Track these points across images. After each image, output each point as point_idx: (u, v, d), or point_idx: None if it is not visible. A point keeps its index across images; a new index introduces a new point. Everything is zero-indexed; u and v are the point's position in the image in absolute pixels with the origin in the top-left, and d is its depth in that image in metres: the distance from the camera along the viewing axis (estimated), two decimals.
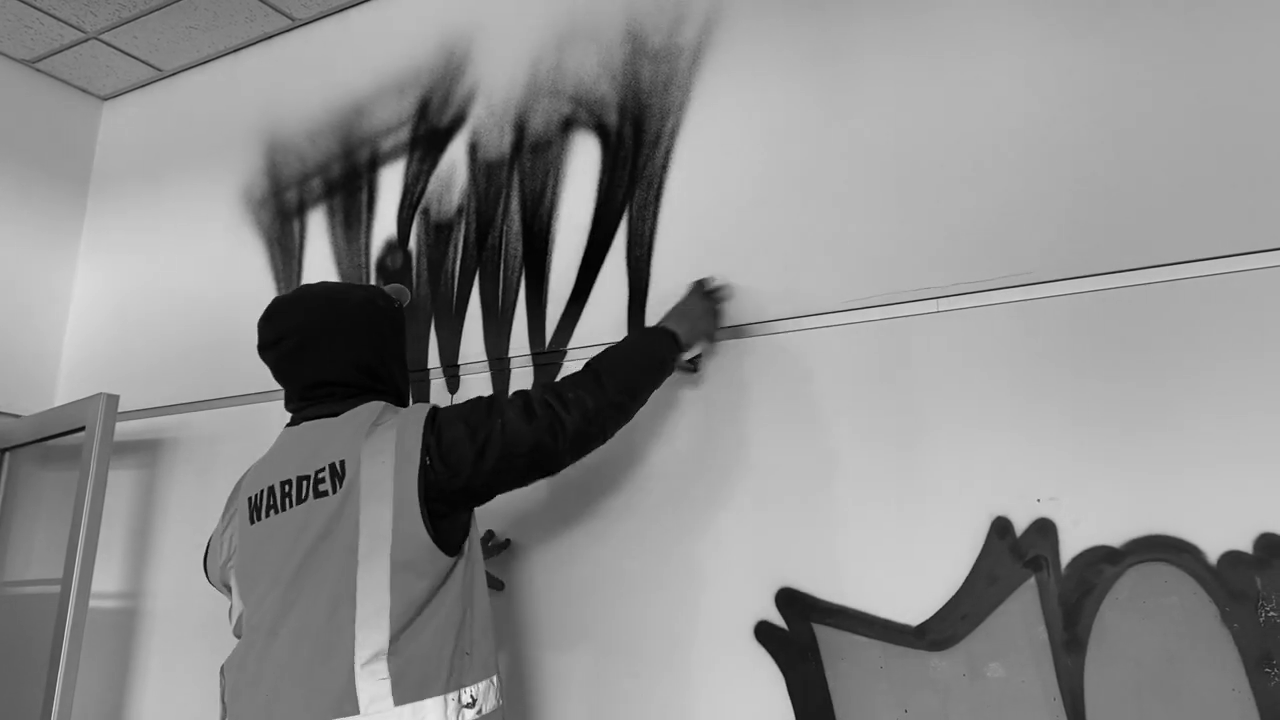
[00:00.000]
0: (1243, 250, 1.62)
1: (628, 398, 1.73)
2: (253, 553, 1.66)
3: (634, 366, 1.76)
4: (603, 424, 1.69)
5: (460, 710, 1.52)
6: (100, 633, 2.90)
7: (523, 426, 1.60)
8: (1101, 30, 1.81)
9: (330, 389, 1.72)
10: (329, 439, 1.64)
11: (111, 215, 3.42)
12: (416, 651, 1.50)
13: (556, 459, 1.65)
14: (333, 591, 1.52)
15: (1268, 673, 1.48)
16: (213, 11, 2.99)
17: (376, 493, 1.54)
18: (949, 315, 1.85)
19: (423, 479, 1.55)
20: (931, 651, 1.74)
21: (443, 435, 1.59)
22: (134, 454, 3.01)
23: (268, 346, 1.78)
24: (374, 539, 1.52)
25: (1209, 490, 1.57)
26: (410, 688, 1.48)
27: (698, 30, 2.26)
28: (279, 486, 1.65)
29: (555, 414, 1.62)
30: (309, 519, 1.58)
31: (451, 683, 1.52)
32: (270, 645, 1.55)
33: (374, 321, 1.78)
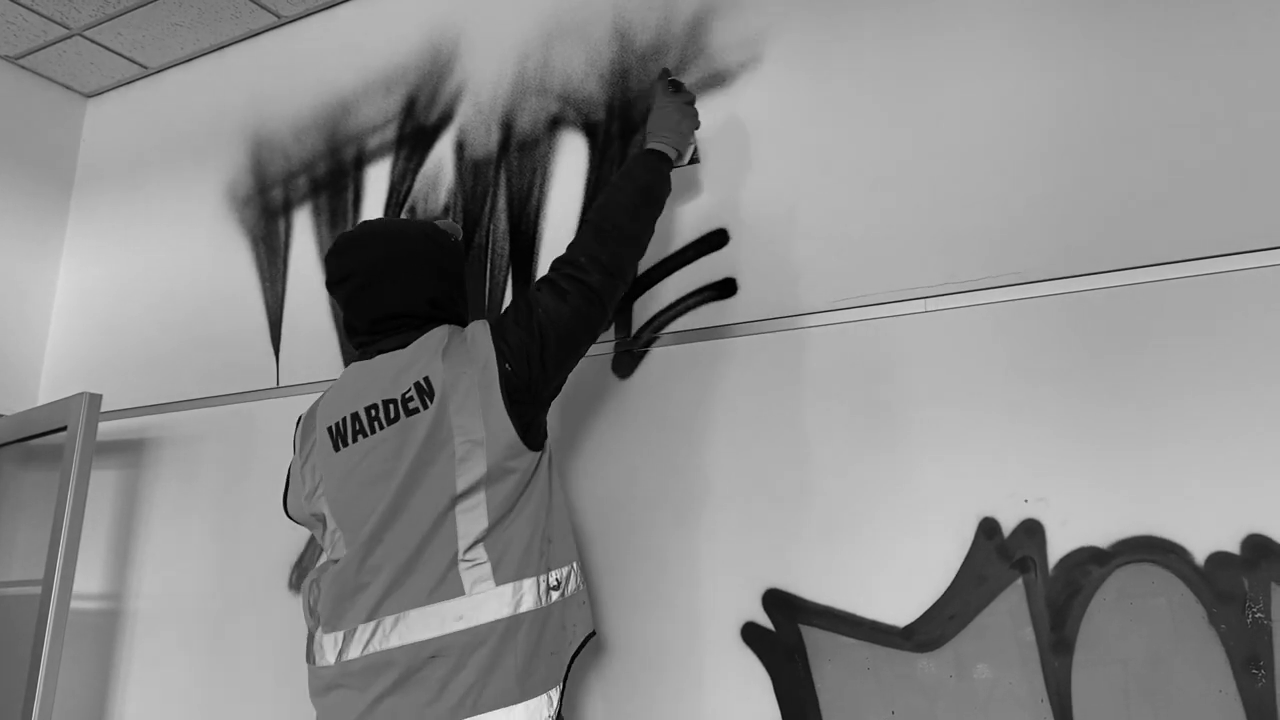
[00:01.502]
0: (1231, 251, 1.62)
1: (633, 231, 1.82)
2: (345, 476, 1.75)
3: (631, 202, 1.83)
4: (621, 268, 1.78)
5: (548, 591, 1.67)
6: (82, 634, 2.87)
7: (561, 306, 1.71)
8: (1089, 33, 1.81)
9: (399, 321, 1.80)
10: (409, 364, 1.73)
11: (95, 213, 3.40)
12: (511, 538, 1.65)
13: (603, 315, 1.76)
14: (437, 495, 1.64)
15: (1254, 674, 1.48)
16: (198, 8, 2.97)
17: (467, 401, 1.66)
18: (937, 315, 1.84)
19: (504, 382, 1.66)
20: (919, 653, 1.73)
21: (509, 340, 1.69)
22: (116, 454, 2.99)
23: (337, 283, 1.85)
24: (469, 443, 1.64)
25: (1196, 491, 1.57)
26: (509, 569, 1.63)
27: (685, 30, 2.25)
28: (364, 412, 1.74)
29: (580, 282, 1.73)
30: (406, 435, 1.68)
31: (541, 566, 1.67)
32: (373, 550, 1.67)
33: (435, 253, 1.87)
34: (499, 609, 1.61)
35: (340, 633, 1.67)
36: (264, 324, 2.81)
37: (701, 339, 2.06)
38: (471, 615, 1.60)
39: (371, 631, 1.63)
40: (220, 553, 2.70)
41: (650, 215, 1.86)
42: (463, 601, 1.60)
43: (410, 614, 1.62)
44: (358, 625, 1.65)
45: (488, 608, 1.60)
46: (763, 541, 1.92)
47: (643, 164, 1.89)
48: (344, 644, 1.66)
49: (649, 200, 1.86)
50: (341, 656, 1.66)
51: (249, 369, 2.80)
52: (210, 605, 2.68)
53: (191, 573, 2.74)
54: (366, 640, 1.63)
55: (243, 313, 2.86)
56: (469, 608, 1.60)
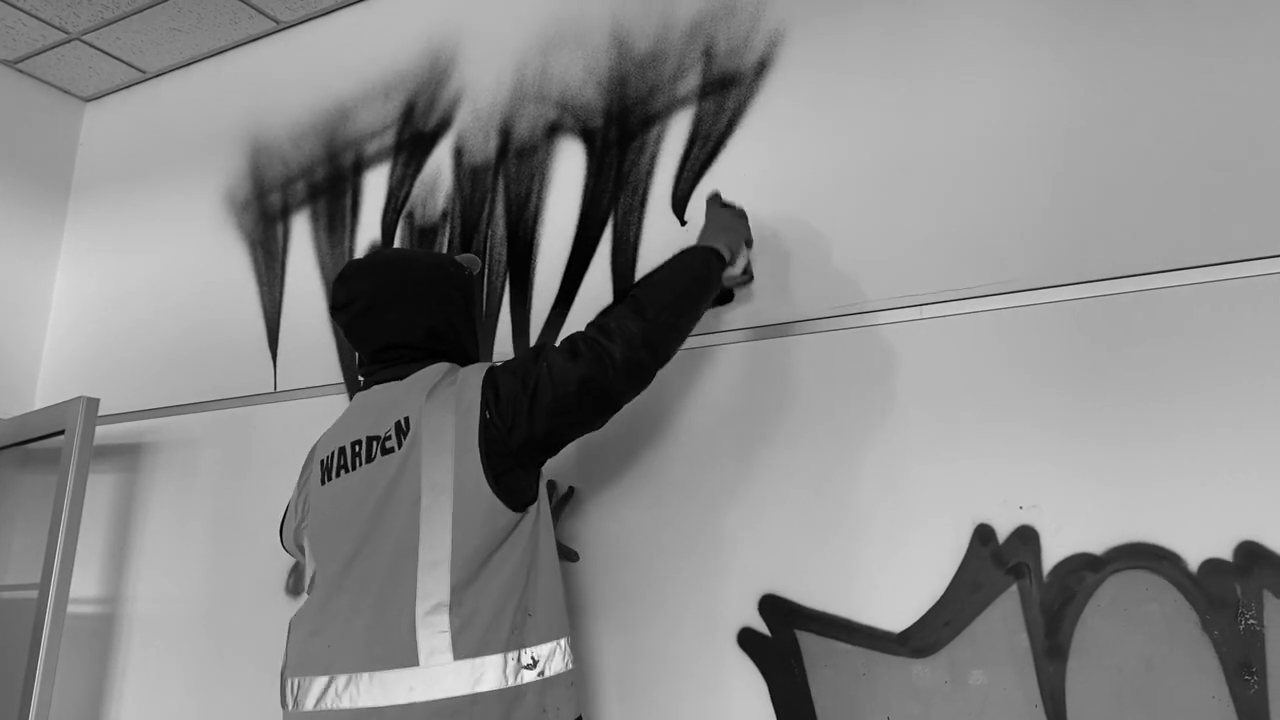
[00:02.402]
0: (1222, 260, 1.63)
1: (673, 317, 1.66)
2: (325, 512, 1.70)
3: (676, 285, 1.70)
4: (651, 348, 1.62)
5: (520, 670, 1.52)
6: (78, 638, 2.87)
7: (568, 365, 1.58)
8: (1083, 41, 1.82)
9: (399, 352, 1.75)
10: (397, 400, 1.67)
11: (93, 217, 3.40)
12: (478, 607, 1.51)
13: (611, 392, 1.60)
14: (396, 543, 1.55)
15: (1247, 680, 1.49)
16: (196, 13, 2.98)
17: (438, 445, 1.57)
18: (932, 322, 1.85)
19: (483, 432, 1.56)
20: (914, 659, 1.74)
21: (500, 389, 1.60)
22: (114, 458, 2.99)
23: (339, 308, 1.80)
24: (436, 490, 1.54)
25: (1190, 498, 1.58)
26: (470, 642, 1.49)
27: (683, 37, 2.26)
28: (349, 447, 1.69)
29: (600, 347, 1.59)
30: (378, 475, 1.61)
31: (512, 641, 1.53)
32: (334, 598, 1.60)
33: (442, 285, 1.80)
34: (454, 685, 1.47)
35: (297, 680, 1.59)
36: (261, 329, 2.82)
37: (698, 345, 2.07)
38: (421, 689, 1.47)
39: (324, 687, 1.54)
40: (217, 557, 2.70)
41: (697, 304, 1.73)
42: (415, 673, 1.48)
43: (362, 677, 1.51)
44: (314, 677, 1.56)
45: (442, 683, 1.47)
46: (759, 547, 1.92)
47: (700, 256, 1.76)
48: (299, 692, 1.58)
49: (697, 291, 1.73)
50: (298, 706, 1.58)
51: (246, 374, 2.80)
52: (207, 609, 2.68)
53: (188, 577, 2.74)
54: (319, 695, 1.54)
55: (240, 318, 2.87)
56: (421, 681, 1.47)
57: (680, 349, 1.70)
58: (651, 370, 1.65)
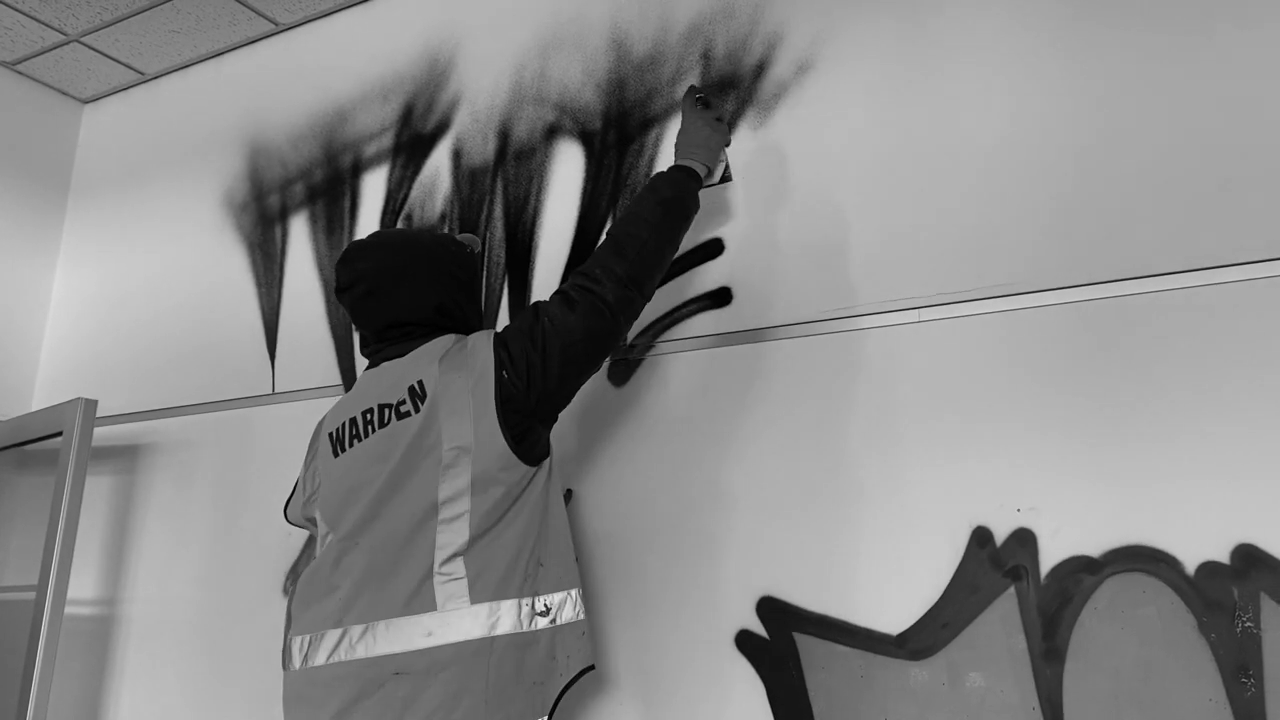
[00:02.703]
0: (1220, 263, 1.64)
1: (655, 249, 1.74)
2: (338, 479, 1.73)
3: (652, 218, 1.75)
4: (638, 283, 1.71)
5: (534, 617, 1.59)
6: (76, 640, 2.87)
7: (568, 316, 1.65)
8: (1085, 42, 1.82)
9: (405, 329, 1.77)
10: (408, 370, 1.70)
11: (92, 219, 3.40)
12: (493, 555, 1.58)
13: (613, 332, 1.69)
14: (416, 502, 1.59)
15: (1244, 683, 1.49)
16: (195, 15, 2.98)
17: (457, 406, 1.61)
18: (930, 325, 1.85)
19: (499, 391, 1.61)
20: (911, 661, 1.74)
21: (511, 349, 1.65)
22: (112, 459, 2.99)
23: (343, 290, 1.82)
24: (456, 450, 1.59)
25: (1187, 501, 1.58)
26: (486, 588, 1.56)
27: (681, 40, 2.26)
28: (360, 417, 1.72)
29: (592, 294, 1.66)
30: (395, 438, 1.65)
31: (526, 589, 1.60)
32: (347, 553, 1.64)
33: (445, 262, 1.82)
34: (471, 629, 1.53)
35: (307, 636, 1.63)
36: (260, 330, 2.82)
37: (696, 348, 2.07)
38: (441, 632, 1.53)
39: (338, 640, 1.58)
40: (215, 558, 2.70)
41: (673, 230, 1.78)
42: (433, 617, 1.53)
43: (378, 625, 1.56)
44: (325, 631, 1.60)
45: (459, 626, 1.53)
46: (757, 549, 1.92)
47: (668, 179, 1.82)
48: (309, 649, 1.61)
49: (672, 214, 1.78)
50: (307, 662, 1.61)
51: (245, 375, 2.80)
52: (205, 611, 2.68)
53: (186, 578, 2.74)
54: (332, 648, 1.58)
55: (239, 319, 2.87)
56: (439, 624, 1.53)
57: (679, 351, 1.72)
58: (641, 304, 1.74)
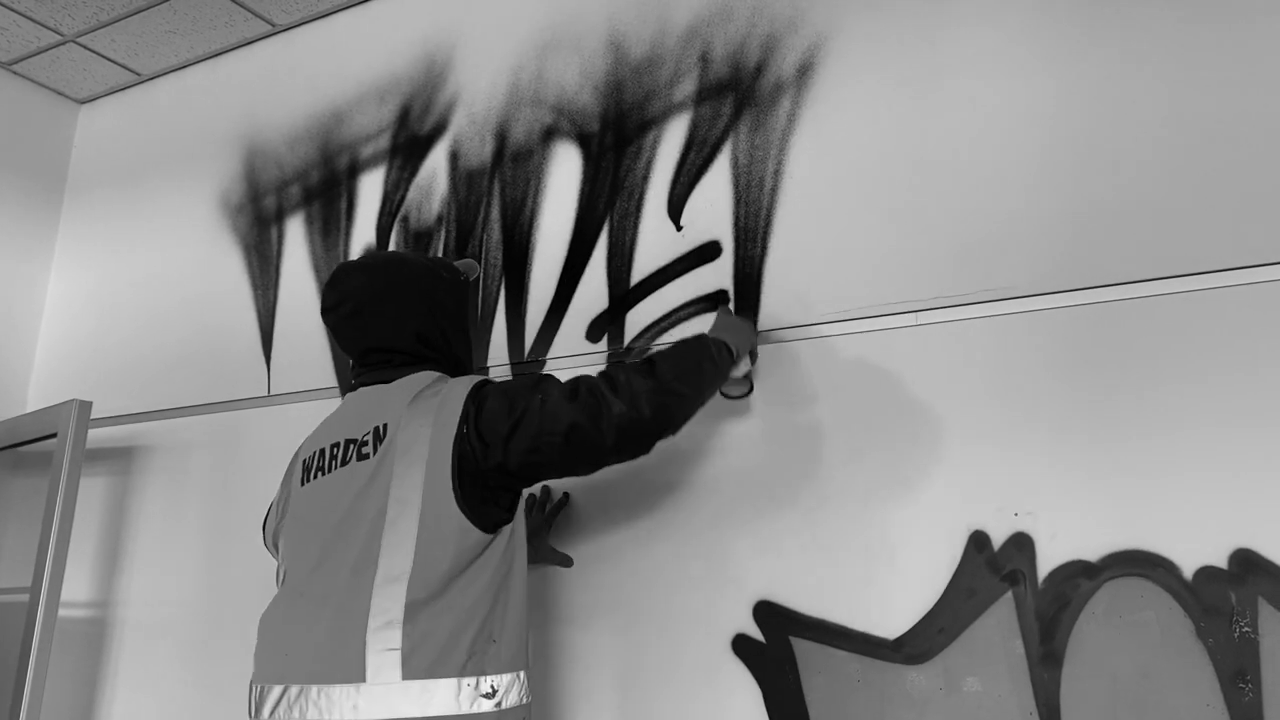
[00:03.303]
0: (1218, 267, 1.64)
1: (682, 386, 1.60)
2: (299, 513, 1.68)
3: (689, 357, 1.65)
4: (655, 408, 1.54)
5: (476, 698, 1.46)
6: (69, 642, 2.86)
7: (562, 405, 1.52)
8: (1083, 49, 1.82)
9: (387, 355, 1.72)
10: (378, 404, 1.63)
11: (87, 219, 3.39)
12: (434, 628, 1.45)
13: (598, 446, 1.53)
14: (358, 554, 1.50)
15: (1241, 688, 1.49)
16: (192, 16, 2.97)
17: (410, 457, 1.52)
18: (928, 329, 1.85)
19: (457, 448, 1.51)
20: (908, 665, 1.74)
21: (483, 406, 1.55)
22: (106, 461, 2.98)
23: (328, 310, 1.78)
24: (403, 503, 1.49)
25: (1185, 506, 1.58)
26: (421, 663, 1.43)
27: (678, 42, 2.26)
28: (328, 449, 1.66)
29: (601, 397, 1.52)
30: (349, 481, 1.57)
31: (470, 668, 1.46)
32: (295, 605, 1.57)
33: (433, 290, 1.77)
34: (399, 707, 1.41)
35: (259, 686, 1.56)
36: (255, 332, 2.81)
37: None
38: (366, 708, 1.41)
39: (278, 697, 1.50)
40: (209, 561, 2.69)
41: (703, 384, 1.66)
42: (361, 690, 1.42)
43: (311, 690, 1.46)
44: (270, 686, 1.53)
45: (386, 702, 1.41)
46: (753, 553, 1.92)
47: (711, 341, 1.72)
48: (260, 698, 1.54)
49: (708, 370, 1.67)
50: (257, 713, 1.54)
51: (240, 377, 2.79)
52: (199, 613, 2.67)
53: (180, 581, 2.73)
54: (274, 705, 1.50)
55: (234, 321, 2.86)
56: (365, 699, 1.42)
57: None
58: (648, 433, 1.57)
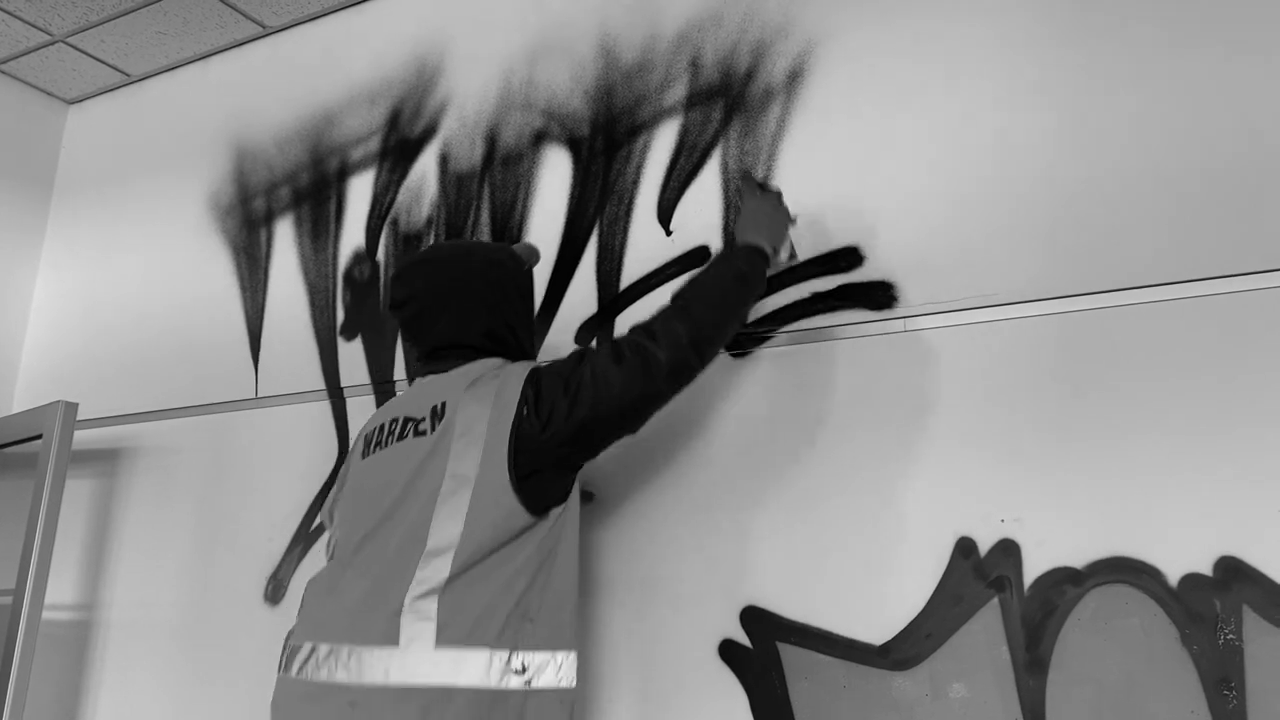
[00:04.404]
0: (1205, 276, 1.64)
1: (718, 318, 1.66)
2: (357, 485, 1.72)
3: (721, 287, 1.69)
4: (697, 349, 1.61)
5: (506, 673, 1.47)
6: (53, 645, 2.84)
7: (611, 368, 1.56)
8: (1077, 54, 1.83)
9: (455, 351, 1.74)
10: (439, 389, 1.67)
11: (75, 220, 3.38)
12: (470, 600, 1.48)
13: (654, 396, 1.60)
14: (409, 527, 1.54)
15: (1226, 695, 1.50)
16: (182, 17, 2.96)
17: (469, 436, 1.55)
18: (916, 335, 1.86)
19: (515, 429, 1.54)
20: (895, 671, 1.74)
21: (540, 389, 1.58)
22: (92, 463, 2.96)
23: (395, 307, 1.81)
24: (458, 480, 1.53)
25: (1170, 513, 1.59)
26: (455, 633, 1.46)
27: (670, 48, 2.26)
28: (389, 424, 1.70)
29: (645, 350, 1.58)
30: (406, 456, 1.61)
31: (503, 641, 1.48)
32: (344, 573, 1.61)
33: (498, 284, 1.78)
34: (430, 674, 1.44)
35: (291, 644, 1.61)
36: (244, 334, 2.80)
37: None
38: (397, 673, 1.44)
39: (307, 655, 1.55)
40: (196, 564, 2.68)
41: (741, 304, 1.72)
42: (392, 654, 1.45)
43: (342, 650, 1.50)
44: (302, 643, 1.58)
45: (417, 669, 1.44)
46: (741, 558, 1.92)
47: (743, 255, 1.74)
48: (291, 659, 1.59)
49: (740, 289, 1.71)
50: (287, 671, 1.59)
51: (227, 379, 2.78)
52: (185, 617, 2.66)
53: (166, 584, 2.72)
54: (302, 662, 1.55)
55: (222, 323, 2.85)
56: (397, 664, 1.45)
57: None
58: (696, 372, 1.64)
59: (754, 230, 1.80)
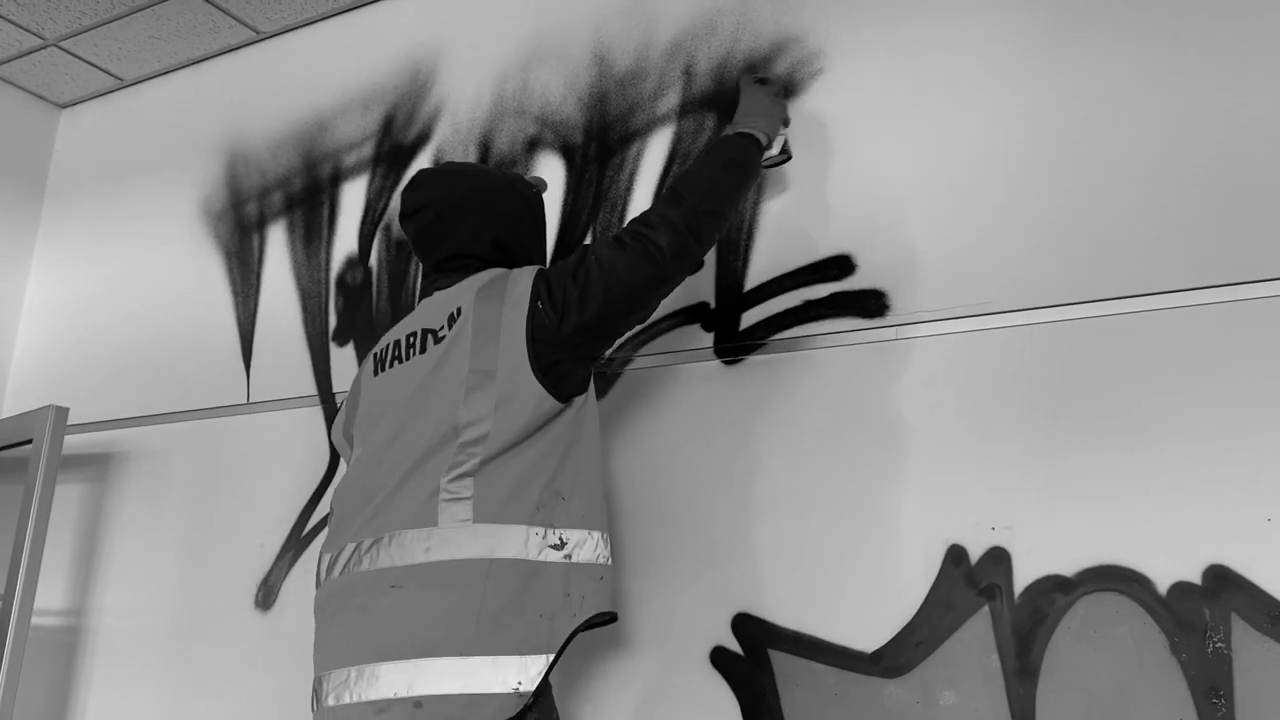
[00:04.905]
0: (1197, 285, 1.65)
1: (713, 203, 1.69)
2: (375, 399, 1.74)
3: (714, 174, 1.72)
4: (695, 232, 1.65)
5: (545, 548, 1.53)
6: (42, 651, 2.83)
7: (616, 256, 1.61)
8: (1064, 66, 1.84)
9: (465, 262, 1.75)
10: (452, 298, 1.69)
11: (67, 224, 3.37)
12: (502, 478, 1.54)
13: (661, 279, 1.63)
14: (438, 422, 1.58)
15: (1214, 703, 1.50)
16: (176, 22, 2.96)
17: (486, 330, 1.59)
18: (907, 344, 1.86)
19: (530, 321, 1.58)
20: (886, 679, 1.74)
21: (550, 283, 1.61)
22: (83, 468, 2.95)
23: (408, 215, 1.81)
24: (480, 373, 1.57)
25: (1159, 521, 1.59)
26: (490, 508, 1.51)
27: (663, 55, 2.27)
28: (404, 339, 1.73)
29: (645, 238, 1.62)
30: (427, 362, 1.65)
31: (539, 518, 1.54)
32: (372, 474, 1.64)
33: (512, 198, 1.82)
34: (470, 548, 1.49)
35: (331, 553, 1.64)
36: (235, 339, 2.79)
37: (673, 363, 2.07)
38: (438, 549, 1.49)
39: (351, 552, 1.58)
40: (186, 570, 2.67)
41: (734, 188, 1.74)
42: (432, 533, 1.50)
43: (383, 539, 1.54)
44: (344, 544, 1.61)
45: (457, 543, 1.49)
46: (733, 565, 1.92)
47: (732, 142, 1.78)
48: (331, 563, 1.63)
49: (734, 172, 1.75)
50: (329, 575, 1.62)
51: (219, 384, 2.78)
52: (175, 623, 2.65)
53: (156, 590, 2.71)
54: (345, 562, 1.59)
55: (214, 328, 2.85)
56: (437, 541, 1.50)
57: (657, 366, 1.71)
58: (698, 255, 1.68)
59: (750, 118, 1.83)
